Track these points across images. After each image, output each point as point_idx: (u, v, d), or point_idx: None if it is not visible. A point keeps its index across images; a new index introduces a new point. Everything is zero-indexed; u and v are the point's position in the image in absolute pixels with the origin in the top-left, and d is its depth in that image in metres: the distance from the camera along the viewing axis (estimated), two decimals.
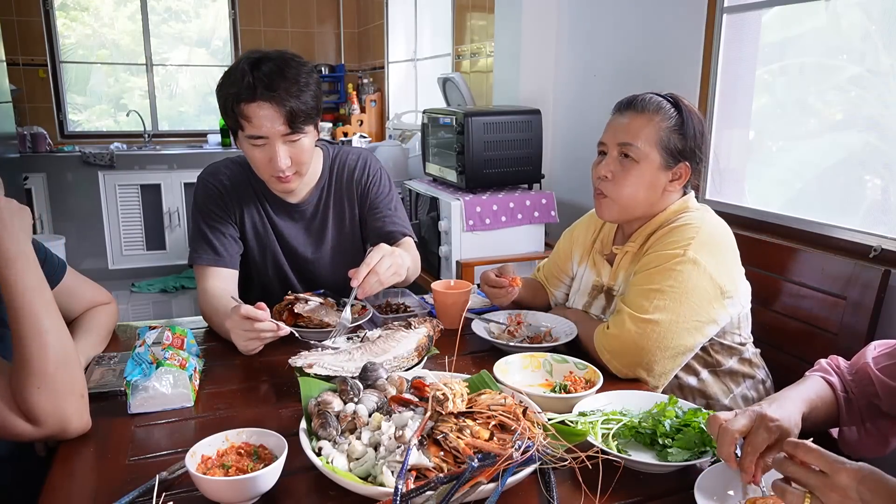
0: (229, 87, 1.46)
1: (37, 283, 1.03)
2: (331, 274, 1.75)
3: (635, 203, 1.41)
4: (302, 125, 1.48)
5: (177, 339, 1.26)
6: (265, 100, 1.43)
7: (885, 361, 1.10)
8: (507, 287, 1.52)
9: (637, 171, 1.38)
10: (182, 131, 5.94)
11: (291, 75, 1.45)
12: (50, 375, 1.00)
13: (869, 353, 1.13)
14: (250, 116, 1.44)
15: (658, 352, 1.29)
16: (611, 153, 1.42)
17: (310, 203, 1.71)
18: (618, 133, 1.41)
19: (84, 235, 5.01)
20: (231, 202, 1.65)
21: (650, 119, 1.38)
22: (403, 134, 5.00)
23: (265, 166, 1.52)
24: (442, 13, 4.30)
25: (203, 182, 1.67)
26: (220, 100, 1.49)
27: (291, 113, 1.45)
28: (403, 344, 1.29)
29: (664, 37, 2.46)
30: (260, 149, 1.50)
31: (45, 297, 1.04)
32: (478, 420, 0.94)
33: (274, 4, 5.90)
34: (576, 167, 3.08)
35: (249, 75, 1.43)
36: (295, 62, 1.49)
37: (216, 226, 1.62)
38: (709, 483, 0.91)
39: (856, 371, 1.12)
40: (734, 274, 1.37)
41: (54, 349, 1.01)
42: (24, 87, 5.26)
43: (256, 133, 1.46)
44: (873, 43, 1.87)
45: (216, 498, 0.88)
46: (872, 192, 1.88)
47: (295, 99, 1.44)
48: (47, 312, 1.03)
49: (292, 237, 1.71)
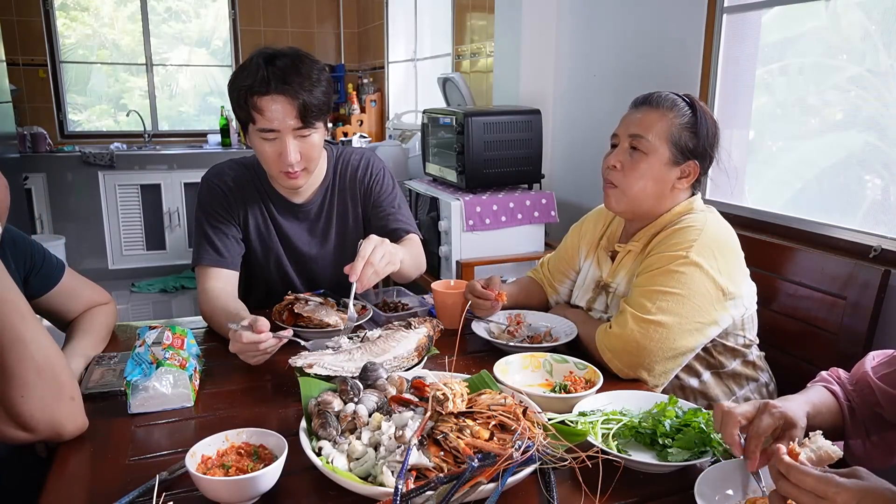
0: (243, 79, 1.48)
1: (7, 293, 1.01)
2: (333, 274, 1.75)
3: (643, 196, 1.42)
4: (313, 120, 1.50)
5: (177, 339, 1.25)
6: (279, 93, 1.45)
7: (884, 370, 1.10)
8: (492, 300, 1.51)
9: (646, 163, 1.40)
10: (182, 131, 5.94)
11: (305, 71, 1.48)
12: (31, 385, 0.99)
13: (868, 363, 1.13)
14: (263, 109, 1.46)
15: (659, 352, 1.30)
16: (622, 145, 1.44)
17: (314, 203, 1.72)
18: (630, 126, 1.43)
19: (84, 235, 5.01)
20: (235, 203, 1.66)
21: (663, 115, 1.40)
22: (403, 134, 5.00)
23: (274, 161, 1.53)
24: (442, 13, 4.30)
25: (207, 183, 1.67)
26: (233, 92, 1.51)
27: (304, 107, 1.47)
28: (403, 344, 1.29)
29: (664, 37, 2.46)
30: (270, 143, 1.51)
31: (20, 308, 1.02)
32: (478, 420, 0.94)
33: (274, 4, 5.90)
34: (576, 167, 3.08)
35: (264, 69, 1.46)
36: (308, 59, 1.52)
37: (219, 227, 1.62)
38: (709, 483, 0.91)
39: (856, 381, 1.12)
40: (737, 275, 1.37)
41: (34, 359, 1.00)
42: (24, 87, 5.26)
43: (268, 126, 1.48)
44: (873, 43, 1.87)
45: (216, 498, 0.88)
46: (872, 192, 1.88)
47: (307, 93, 1.47)
48: (23, 322, 1.01)
49: (296, 237, 1.72)
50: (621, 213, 1.51)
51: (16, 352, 0.99)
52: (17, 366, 0.99)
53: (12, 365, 0.99)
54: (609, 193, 1.46)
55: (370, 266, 1.37)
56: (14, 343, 0.99)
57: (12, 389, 0.98)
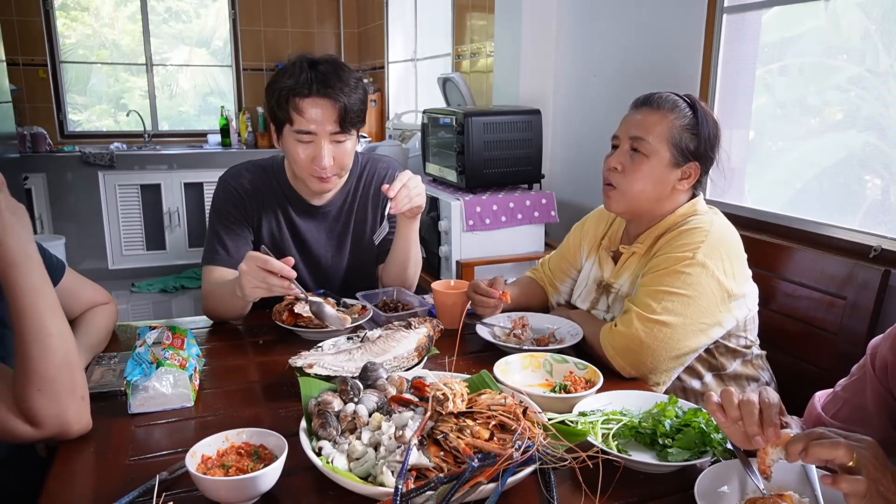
0: (286, 79, 1.50)
1: (41, 284, 1.02)
2: (345, 278, 1.77)
3: (643, 197, 1.42)
4: (350, 127, 1.53)
5: (177, 339, 1.26)
6: (320, 96, 1.49)
7: (833, 409, 1.09)
8: (496, 299, 1.51)
9: (646, 165, 1.40)
10: (182, 131, 5.94)
11: (345, 77, 1.52)
12: (51, 378, 0.99)
13: (817, 405, 1.12)
14: (303, 110, 1.49)
15: (663, 352, 1.30)
16: (622, 146, 1.44)
17: (333, 205, 1.73)
18: (630, 127, 1.43)
19: (84, 235, 5.01)
20: (250, 206, 1.67)
21: (664, 116, 1.40)
22: (403, 134, 4.99)
23: (307, 164, 1.55)
24: (442, 13, 4.30)
25: (224, 184, 1.68)
26: (274, 93, 1.52)
27: (343, 111, 1.50)
28: (403, 344, 1.29)
29: (664, 37, 2.46)
30: (305, 145, 1.53)
31: (50, 299, 1.02)
32: (478, 420, 0.94)
33: (274, 4, 5.90)
34: (576, 167, 3.08)
35: (308, 71, 1.49)
36: (347, 67, 1.57)
37: (232, 228, 1.64)
38: (709, 483, 0.91)
39: (812, 426, 1.10)
40: (741, 277, 1.38)
41: (57, 352, 1.00)
42: (24, 87, 5.26)
43: (306, 128, 1.50)
44: (873, 43, 1.87)
45: (216, 498, 0.89)
46: (872, 192, 1.88)
47: (347, 98, 1.50)
48: (51, 314, 1.01)
49: (312, 239, 1.73)
50: (621, 214, 1.51)
51: (40, 343, 0.99)
52: (40, 357, 0.99)
53: (35, 356, 0.99)
54: (609, 195, 1.46)
55: (406, 189, 1.48)
56: (39, 334, 0.99)
57: (31, 380, 0.98)
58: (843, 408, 1.08)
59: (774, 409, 0.87)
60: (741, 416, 0.88)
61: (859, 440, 0.78)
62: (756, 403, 0.87)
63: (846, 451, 0.76)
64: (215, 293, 1.56)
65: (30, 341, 0.99)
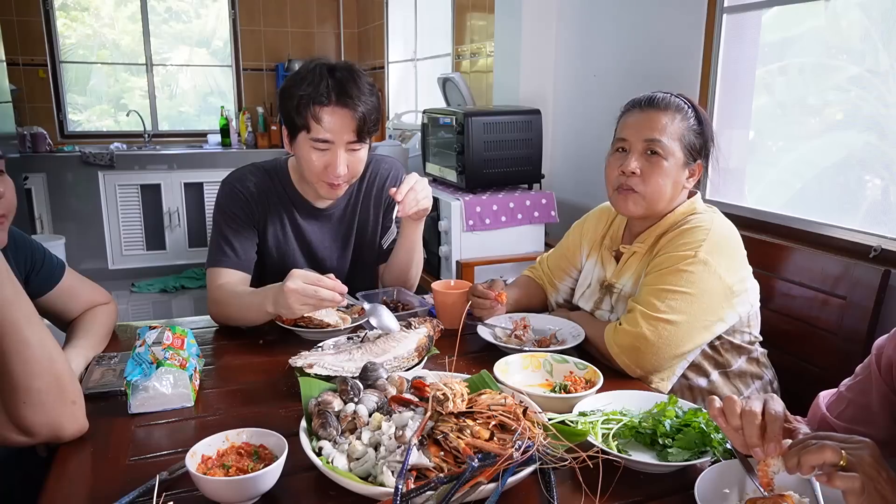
0: (304, 87, 1.48)
1: (13, 295, 0.99)
2: (346, 280, 1.76)
3: (661, 198, 1.42)
4: (366, 135, 1.53)
5: (177, 339, 1.25)
6: (340, 105, 1.48)
7: (838, 408, 1.09)
8: (492, 301, 1.51)
9: (665, 167, 1.40)
10: (182, 131, 5.93)
11: (362, 85, 1.51)
12: (35, 389, 0.98)
13: (822, 405, 1.12)
14: (322, 119, 1.48)
15: (668, 350, 1.31)
16: (635, 149, 1.42)
17: (337, 207, 1.73)
18: (642, 130, 1.41)
19: (84, 235, 5.01)
20: (256, 210, 1.66)
21: (673, 117, 1.40)
22: (403, 134, 4.99)
23: (320, 171, 1.54)
24: (442, 13, 4.30)
25: (229, 186, 1.67)
26: (290, 100, 1.50)
27: (362, 120, 1.50)
28: (403, 344, 1.29)
29: (664, 37, 2.46)
30: (320, 153, 1.52)
31: (25, 309, 1.00)
32: (478, 420, 0.94)
33: (274, 4, 5.90)
34: (576, 167, 3.08)
35: (327, 79, 1.48)
36: (362, 73, 1.55)
37: (238, 230, 1.63)
38: (709, 483, 0.91)
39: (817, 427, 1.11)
40: (743, 273, 1.39)
41: (39, 362, 0.99)
42: (24, 87, 5.26)
43: (324, 137, 1.49)
44: (873, 43, 1.87)
45: (216, 498, 0.89)
46: (872, 192, 1.88)
47: (364, 107, 1.50)
48: (28, 324, 0.99)
49: (317, 241, 1.73)
50: (639, 216, 1.48)
51: (19, 355, 0.97)
52: (21, 369, 0.97)
53: (16, 368, 0.97)
54: (628, 198, 1.43)
55: (414, 192, 1.49)
56: (18, 346, 0.97)
57: (14, 393, 0.97)
58: (848, 408, 1.08)
59: (778, 424, 0.85)
60: (742, 426, 0.87)
61: (854, 441, 0.78)
62: (759, 415, 0.86)
63: (833, 453, 0.77)
64: (231, 303, 1.54)
65: (9, 354, 0.97)
